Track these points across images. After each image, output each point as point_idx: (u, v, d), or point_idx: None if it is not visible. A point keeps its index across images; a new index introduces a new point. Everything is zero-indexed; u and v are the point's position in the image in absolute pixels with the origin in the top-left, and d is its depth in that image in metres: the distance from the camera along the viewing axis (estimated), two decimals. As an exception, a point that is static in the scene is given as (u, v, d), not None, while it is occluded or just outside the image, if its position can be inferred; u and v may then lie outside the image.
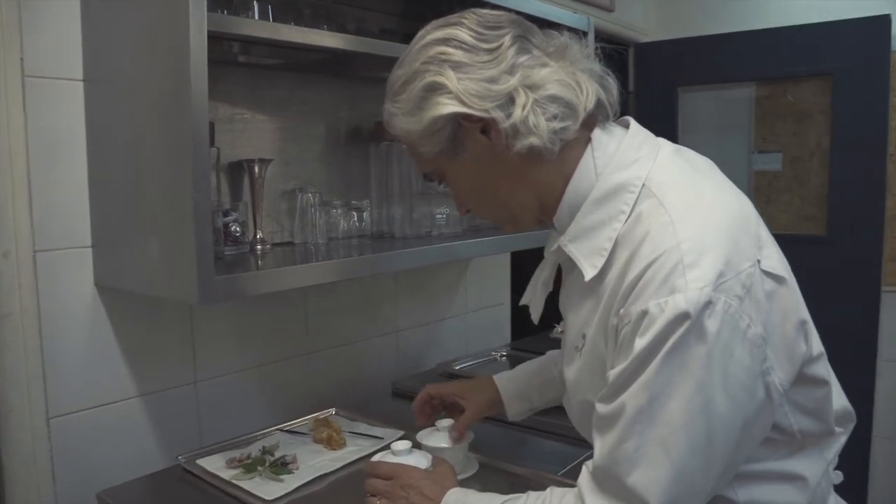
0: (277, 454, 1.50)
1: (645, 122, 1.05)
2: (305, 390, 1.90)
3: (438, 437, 1.40)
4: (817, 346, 0.97)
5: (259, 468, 1.44)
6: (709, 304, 0.83)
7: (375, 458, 1.29)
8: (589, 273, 0.96)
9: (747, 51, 3.16)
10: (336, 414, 1.78)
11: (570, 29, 2.03)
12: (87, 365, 1.47)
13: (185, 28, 1.16)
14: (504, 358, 2.23)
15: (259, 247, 1.65)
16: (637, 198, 0.94)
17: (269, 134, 1.77)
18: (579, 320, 1.03)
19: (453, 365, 2.08)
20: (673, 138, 3.03)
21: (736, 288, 0.85)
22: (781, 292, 0.91)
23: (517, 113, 0.95)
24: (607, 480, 0.90)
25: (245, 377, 1.76)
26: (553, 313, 1.27)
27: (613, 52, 1.11)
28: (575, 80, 0.99)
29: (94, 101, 1.42)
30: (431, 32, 1.00)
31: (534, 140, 0.96)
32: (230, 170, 1.68)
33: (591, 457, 0.95)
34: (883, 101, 2.91)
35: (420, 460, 1.26)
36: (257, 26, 1.35)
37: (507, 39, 0.97)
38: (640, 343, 0.85)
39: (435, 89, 0.97)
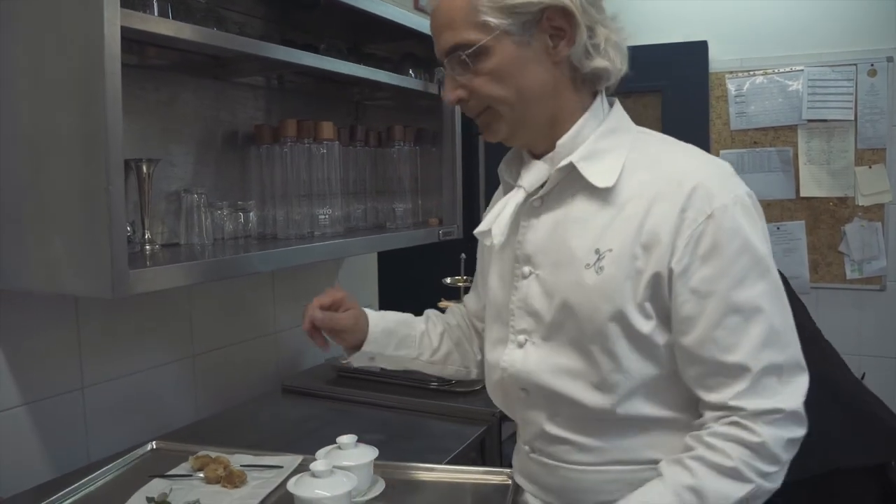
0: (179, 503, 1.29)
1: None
2: (195, 392, 1.89)
3: (340, 455, 1.31)
4: None
5: None
6: (745, 200, 1.06)
7: (292, 481, 1.19)
8: (604, 182, 1.10)
9: (586, 67, 3.44)
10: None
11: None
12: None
13: (98, 22, 1.17)
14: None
15: (148, 247, 1.64)
16: (634, 139, 1.15)
17: (153, 135, 1.75)
18: (587, 238, 1.11)
19: (340, 360, 2.13)
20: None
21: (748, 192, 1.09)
22: None
23: (598, 40, 1.10)
24: (764, 377, 1.02)
25: (133, 381, 1.73)
26: (419, 308, 1.30)
27: None
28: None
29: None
30: None
31: (606, 64, 1.11)
32: (115, 170, 1.65)
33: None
34: (704, 114, 3.29)
35: (343, 480, 1.19)
36: (169, 25, 1.36)
37: None
38: (715, 241, 1.03)
39: None
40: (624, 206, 1.09)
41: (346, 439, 1.32)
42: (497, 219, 1.17)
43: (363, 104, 2.43)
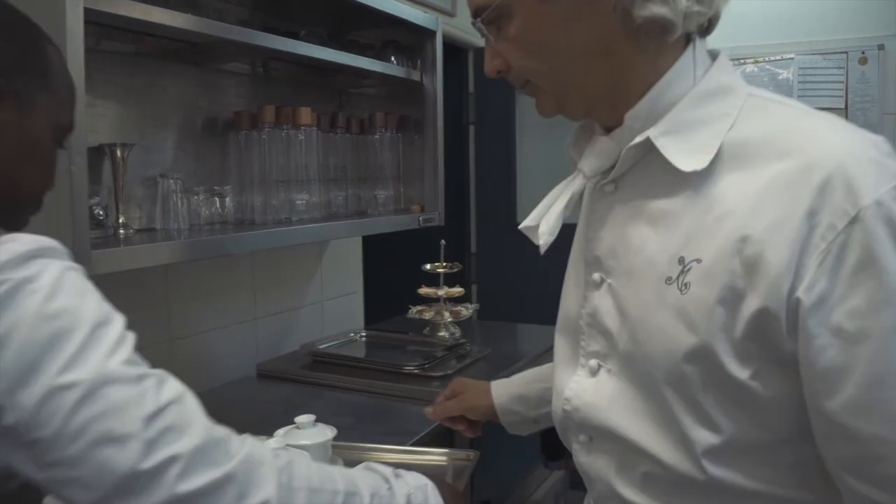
0: None
1: (485, 122, 1.15)
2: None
3: (298, 434, 1.31)
4: None
5: None
6: None
7: (279, 432, 1.26)
8: (691, 165, 0.81)
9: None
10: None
11: (419, 28, 2.21)
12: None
13: (60, 3, 1.18)
14: (363, 339, 2.31)
15: (122, 231, 1.65)
16: (743, 105, 0.84)
17: (131, 121, 1.76)
18: (670, 241, 0.83)
19: (317, 345, 2.15)
20: (511, 137, 3.20)
21: None
22: None
23: None
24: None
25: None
26: (406, 298, 1.27)
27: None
28: None
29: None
30: None
31: (664, 11, 0.80)
32: (90, 155, 1.65)
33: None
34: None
35: (325, 431, 1.29)
36: (136, 9, 1.36)
37: None
38: (867, 256, 0.71)
39: None
40: (720, 200, 0.80)
41: (304, 419, 1.33)
42: (548, 213, 0.93)
43: (347, 92, 2.44)
